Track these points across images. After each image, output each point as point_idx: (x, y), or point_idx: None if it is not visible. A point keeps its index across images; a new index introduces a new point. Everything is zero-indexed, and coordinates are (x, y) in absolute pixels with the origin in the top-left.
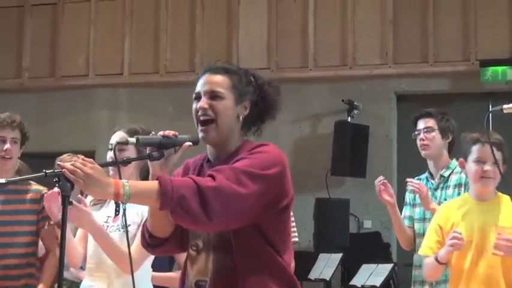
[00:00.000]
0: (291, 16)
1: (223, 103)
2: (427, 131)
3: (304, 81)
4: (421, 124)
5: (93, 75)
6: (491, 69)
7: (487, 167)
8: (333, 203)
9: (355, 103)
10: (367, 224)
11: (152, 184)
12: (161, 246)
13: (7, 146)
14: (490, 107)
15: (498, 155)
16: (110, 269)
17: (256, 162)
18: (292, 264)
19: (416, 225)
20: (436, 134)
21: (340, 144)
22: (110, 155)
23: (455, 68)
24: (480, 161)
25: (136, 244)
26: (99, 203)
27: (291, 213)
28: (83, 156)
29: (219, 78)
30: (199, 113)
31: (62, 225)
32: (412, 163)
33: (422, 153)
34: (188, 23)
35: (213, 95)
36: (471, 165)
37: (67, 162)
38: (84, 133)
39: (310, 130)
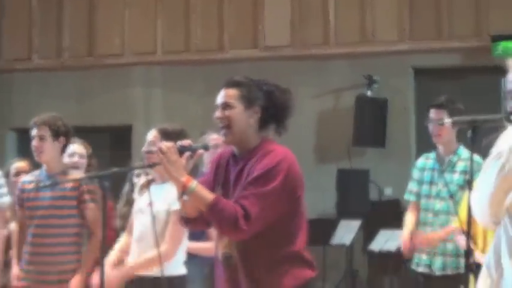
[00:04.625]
0: None
1: (233, 111)
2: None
3: (326, 58)
4: (434, 114)
5: (128, 54)
6: (502, 44)
7: None
8: (354, 173)
9: (374, 77)
10: (388, 192)
11: (209, 196)
12: (191, 223)
13: (33, 143)
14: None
15: None
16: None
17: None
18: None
19: (423, 201)
20: (447, 125)
21: (360, 117)
22: (143, 149)
23: (468, 43)
24: None
25: (173, 227)
26: (144, 192)
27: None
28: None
29: (230, 91)
30: (218, 121)
31: (103, 228)
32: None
33: (434, 140)
34: (217, 3)
35: (225, 106)
36: None
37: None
38: (120, 109)
39: (332, 104)
